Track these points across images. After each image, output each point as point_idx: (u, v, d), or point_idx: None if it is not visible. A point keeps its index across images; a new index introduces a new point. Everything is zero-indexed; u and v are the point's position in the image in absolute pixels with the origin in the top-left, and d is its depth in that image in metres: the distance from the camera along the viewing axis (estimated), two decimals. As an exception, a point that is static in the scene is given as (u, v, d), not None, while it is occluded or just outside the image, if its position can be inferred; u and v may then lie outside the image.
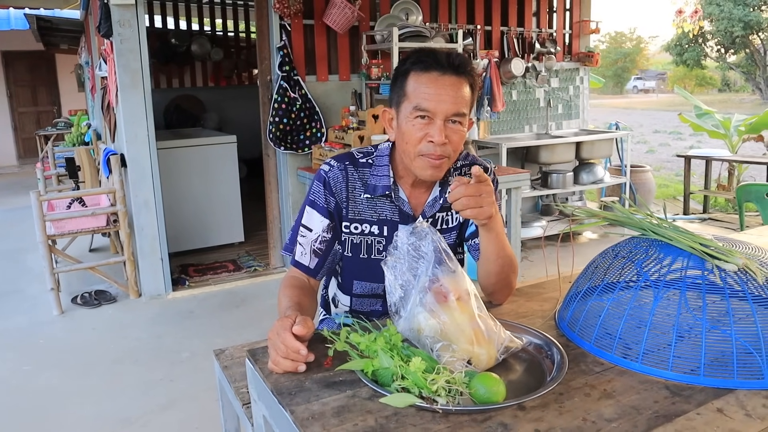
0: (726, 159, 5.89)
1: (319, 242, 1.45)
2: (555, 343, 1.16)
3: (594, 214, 1.50)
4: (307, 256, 1.46)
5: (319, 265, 1.47)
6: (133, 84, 3.50)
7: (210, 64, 7.86)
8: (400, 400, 0.95)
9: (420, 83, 1.34)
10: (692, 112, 6.71)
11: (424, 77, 1.34)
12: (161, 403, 2.62)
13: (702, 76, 32.60)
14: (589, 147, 4.95)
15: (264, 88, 4.10)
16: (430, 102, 1.32)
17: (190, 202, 4.59)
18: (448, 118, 1.33)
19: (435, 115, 1.32)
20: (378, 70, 4.23)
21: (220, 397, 1.88)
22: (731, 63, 30.30)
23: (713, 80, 33.73)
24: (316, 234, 1.45)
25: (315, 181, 1.48)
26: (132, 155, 3.61)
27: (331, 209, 1.45)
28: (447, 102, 1.32)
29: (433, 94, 1.32)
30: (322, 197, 1.46)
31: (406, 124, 1.36)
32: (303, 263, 1.46)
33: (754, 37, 27.22)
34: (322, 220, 1.45)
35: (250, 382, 1.22)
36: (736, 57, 29.78)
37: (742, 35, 26.65)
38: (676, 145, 12.61)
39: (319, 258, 1.46)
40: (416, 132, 1.34)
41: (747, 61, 28.84)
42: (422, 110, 1.33)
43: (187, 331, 3.40)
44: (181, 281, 4.07)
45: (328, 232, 1.46)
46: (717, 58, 30.32)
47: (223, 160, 4.71)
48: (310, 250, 1.46)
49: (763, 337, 1.05)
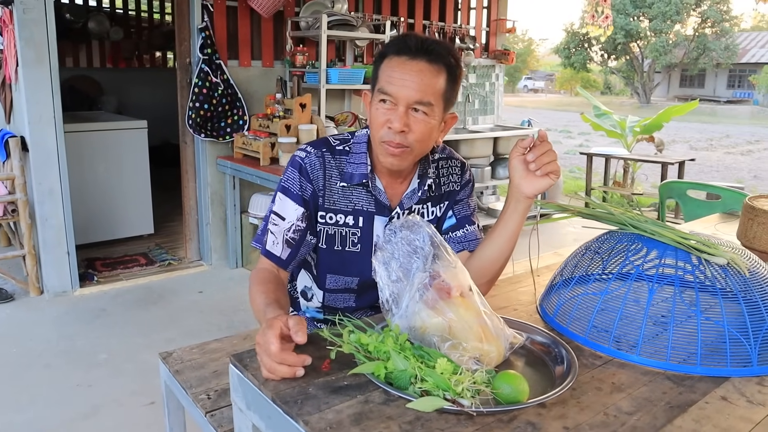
0: (624, 157, 6.31)
1: (293, 231, 1.35)
2: (557, 339, 1.16)
3: (566, 209, 1.52)
4: (279, 246, 1.35)
5: (292, 256, 1.37)
6: (38, 59, 3.15)
7: (108, 43, 7.30)
8: (428, 404, 0.90)
9: (388, 67, 1.28)
10: (577, 113, 7.09)
11: (393, 60, 1.27)
12: (82, 412, 2.39)
13: (587, 79, 34.82)
14: (505, 142, 5.11)
15: (182, 71, 3.85)
16: (393, 86, 1.25)
17: (95, 190, 4.23)
18: (410, 105, 1.25)
19: (397, 100, 1.25)
20: (303, 58, 4.11)
21: (166, 403, 1.74)
22: (613, 68, 32.64)
23: (597, 83, 36.15)
24: (290, 223, 1.35)
25: (289, 167, 1.38)
26: (35, 138, 3.25)
27: (307, 197, 1.36)
28: (411, 88, 1.24)
29: (398, 78, 1.25)
30: (296, 184, 1.36)
31: (372, 108, 1.31)
32: (274, 253, 1.36)
33: (634, 44, 29.48)
34: (296, 208, 1.36)
35: (235, 390, 1.11)
36: (617, 62, 32.11)
37: (624, 42, 28.78)
38: (567, 143, 13.37)
39: (291, 248, 1.36)
40: (380, 117, 1.28)
41: (627, 67, 31.19)
42: (385, 94, 1.26)
43: (101, 330, 3.13)
44: (89, 276, 3.75)
45: (303, 221, 1.36)
46: (601, 62, 32.55)
47: (132, 147, 4.38)
48: (283, 239, 1.35)
49: (751, 326, 1.10)
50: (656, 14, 27.59)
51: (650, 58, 29.22)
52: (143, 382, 2.61)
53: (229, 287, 3.79)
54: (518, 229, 1.32)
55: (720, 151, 12.78)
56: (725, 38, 28.46)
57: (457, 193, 1.47)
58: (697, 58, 28.94)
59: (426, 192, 1.43)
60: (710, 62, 28.96)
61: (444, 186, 1.46)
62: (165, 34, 7.67)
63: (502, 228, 1.32)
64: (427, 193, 1.43)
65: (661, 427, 0.92)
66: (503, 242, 1.33)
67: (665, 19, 27.57)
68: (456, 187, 1.47)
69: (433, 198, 1.45)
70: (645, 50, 29.26)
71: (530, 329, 1.20)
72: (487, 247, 1.36)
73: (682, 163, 5.86)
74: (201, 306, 3.50)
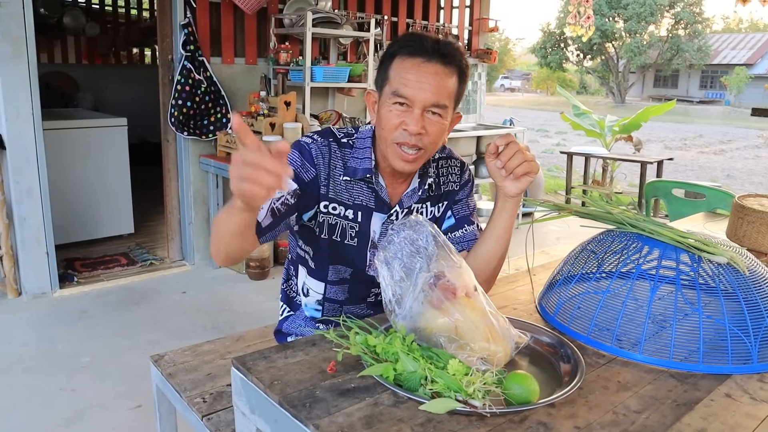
0: (605, 156, 6.38)
1: (281, 203, 1.27)
2: (562, 339, 1.16)
3: (562, 208, 1.53)
4: (264, 211, 1.25)
5: (270, 227, 1.27)
6: (15, 54, 3.06)
7: (84, 39, 7.16)
8: (441, 406, 0.89)
9: (402, 68, 1.27)
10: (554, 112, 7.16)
11: (407, 62, 1.27)
12: (65, 417, 2.33)
13: (563, 78, 35.23)
14: (488, 141, 5.13)
15: (165, 68, 3.79)
16: (409, 89, 1.26)
17: (75, 189, 4.14)
18: (427, 107, 1.27)
19: (414, 103, 1.26)
20: (287, 56, 4.07)
21: (157, 408, 1.70)
22: (588, 67, 33.08)
23: (572, 83, 36.61)
24: (281, 194, 1.27)
25: (292, 149, 1.34)
26: (13, 136, 3.17)
27: (306, 178, 1.31)
28: (428, 91, 1.26)
29: (414, 81, 1.26)
30: (297, 162, 1.32)
31: (385, 109, 1.30)
32: (257, 218, 1.25)
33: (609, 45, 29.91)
34: (290, 183, 1.31)
35: (237, 393, 1.09)
36: (592, 62, 32.56)
37: (599, 43, 29.17)
38: (544, 141, 13.50)
39: (273, 219, 1.27)
40: (393, 119, 1.28)
41: (602, 67, 31.63)
42: (401, 96, 1.26)
43: (83, 332, 3.07)
44: (69, 277, 3.67)
45: (293, 197, 1.29)
46: (576, 62, 32.97)
47: (112, 145, 4.30)
48: (269, 206, 1.26)
49: (751, 324, 1.12)
50: (631, 15, 28.03)
51: (625, 59, 29.68)
52: (129, 385, 2.56)
53: (213, 287, 3.74)
54: (509, 227, 1.34)
55: (694, 151, 13.03)
56: (698, 39, 29.04)
57: (456, 193, 1.47)
58: (671, 58, 29.50)
59: (426, 191, 1.42)
60: (683, 63, 29.54)
61: (443, 186, 1.46)
62: (142, 30, 7.56)
63: (493, 226, 1.35)
64: (427, 193, 1.43)
65: (670, 425, 0.92)
66: (495, 240, 1.35)
67: (640, 20, 28.03)
68: (455, 187, 1.47)
69: (432, 198, 1.44)
70: (620, 50, 29.72)
71: (534, 329, 1.20)
72: (480, 245, 1.38)
73: (661, 163, 5.95)
74: (185, 306, 3.45)
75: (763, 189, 8.60)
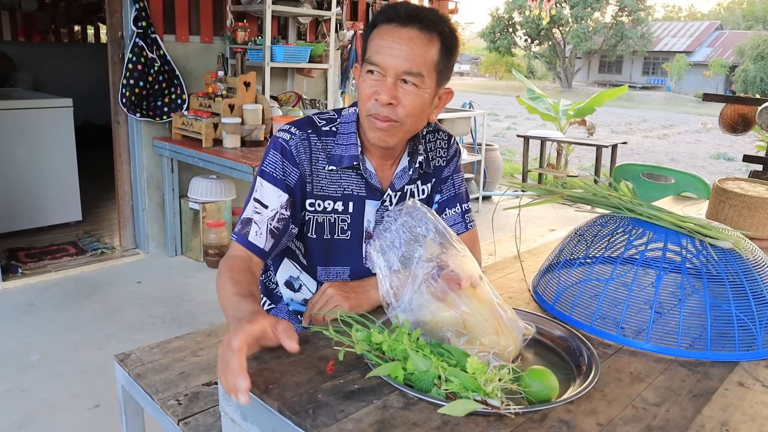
0: (561, 140, 6.45)
1: (277, 220, 1.23)
2: (573, 331, 1.12)
3: (553, 191, 1.48)
4: (263, 236, 1.21)
5: (274, 246, 1.24)
6: (-53, 28, 2.81)
7: (20, 15, 6.71)
8: (461, 408, 0.82)
9: (377, 35, 1.18)
10: (503, 96, 7.20)
11: (383, 28, 1.18)
12: (16, 420, 2.17)
13: (511, 63, 35.64)
14: (449, 125, 5.08)
15: (114, 45, 3.56)
16: (380, 55, 1.16)
17: (16, 174, 3.87)
18: (399, 76, 1.16)
19: (385, 70, 1.16)
20: (245, 34, 3.90)
21: (123, 410, 1.58)
22: (536, 52, 33.57)
23: (520, 67, 37.08)
24: (273, 210, 1.22)
25: (270, 149, 1.25)
26: (-54, 117, 2.92)
27: (291, 183, 1.24)
28: (399, 57, 1.15)
29: (385, 46, 1.16)
30: (279, 169, 1.24)
31: (360, 80, 1.21)
32: (257, 245, 1.21)
33: (556, 30, 30.41)
34: (279, 195, 1.23)
35: (225, 398, 1.00)
36: (540, 47, 33.04)
37: (547, 28, 29.60)
38: (495, 125, 13.63)
39: (275, 239, 1.23)
40: (366, 88, 1.19)
41: (549, 52, 32.15)
42: (371, 64, 1.17)
43: (31, 328, 2.87)
44: (13, 269, 3.43)
45: (287, 209, 1.24)
46: (525, 47, 33.40)
47: (56, 127, 4.03)
48: (267, 229, 1.22)
49: (756, 310, 1.10)
50: (578, 1, 28.54)
51: (572, 44, 30.25)
52: (84, 383, 2.40)
53: (169, 277, 3.58)
54: None
55: (638, 135, 13.41)
56: (641, 27, 29.86)
57: (443, 170, 1.40)
58: (615, 45, 30.25)
59: (417, 170, 1.34)
60: (627, 49, 30.35)
61: (433, 161, 1.38)
62: (84, 7, 7.15)
63: None
64: (418, 171, 1.35)
65: (692, 418, 0.89)
66: None
67: (586, 6, 28.58)
68: (442, 162, 1.39)
69: (422, 176, 1.37)
70: (567, 36, 30.25)
71: (538, 320, 1.15)
72: None
73: (615, 146, 6.05)
74: (140, 298, 3.28)
75: (705, 172, 8.93)
